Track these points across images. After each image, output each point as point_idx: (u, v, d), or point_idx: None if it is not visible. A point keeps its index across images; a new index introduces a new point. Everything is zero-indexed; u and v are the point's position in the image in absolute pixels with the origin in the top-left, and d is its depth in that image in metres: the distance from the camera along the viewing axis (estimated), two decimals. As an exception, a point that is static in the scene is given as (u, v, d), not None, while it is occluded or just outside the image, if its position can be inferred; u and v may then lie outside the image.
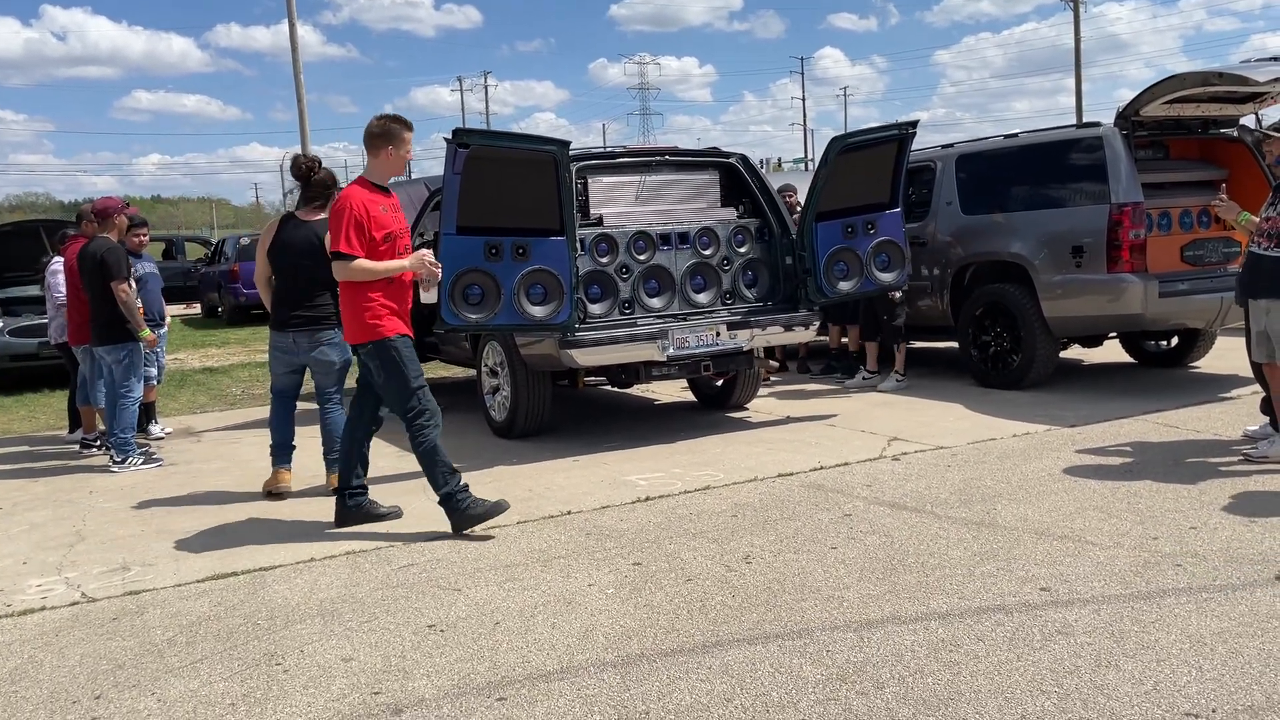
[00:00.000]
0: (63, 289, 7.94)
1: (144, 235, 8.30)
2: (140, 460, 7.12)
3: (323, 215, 5.93)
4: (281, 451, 6.19)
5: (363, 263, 4.97)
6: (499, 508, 5.08)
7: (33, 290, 11.21)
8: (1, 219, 34.07)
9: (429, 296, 6.24)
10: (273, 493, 6.10)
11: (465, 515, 5.05)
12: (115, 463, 7.08)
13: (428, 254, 5.21)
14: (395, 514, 5.45)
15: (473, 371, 8.25)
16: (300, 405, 6.38)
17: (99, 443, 7.81)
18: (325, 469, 6.06)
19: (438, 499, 5.12)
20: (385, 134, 5.05)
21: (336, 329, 5.88)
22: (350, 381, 6.02)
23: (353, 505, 5.39)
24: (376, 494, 6.00)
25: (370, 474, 6.49)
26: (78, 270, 7.24)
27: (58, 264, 8.17)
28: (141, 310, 7.33)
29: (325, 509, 5.72)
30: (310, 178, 6.04)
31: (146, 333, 7.11)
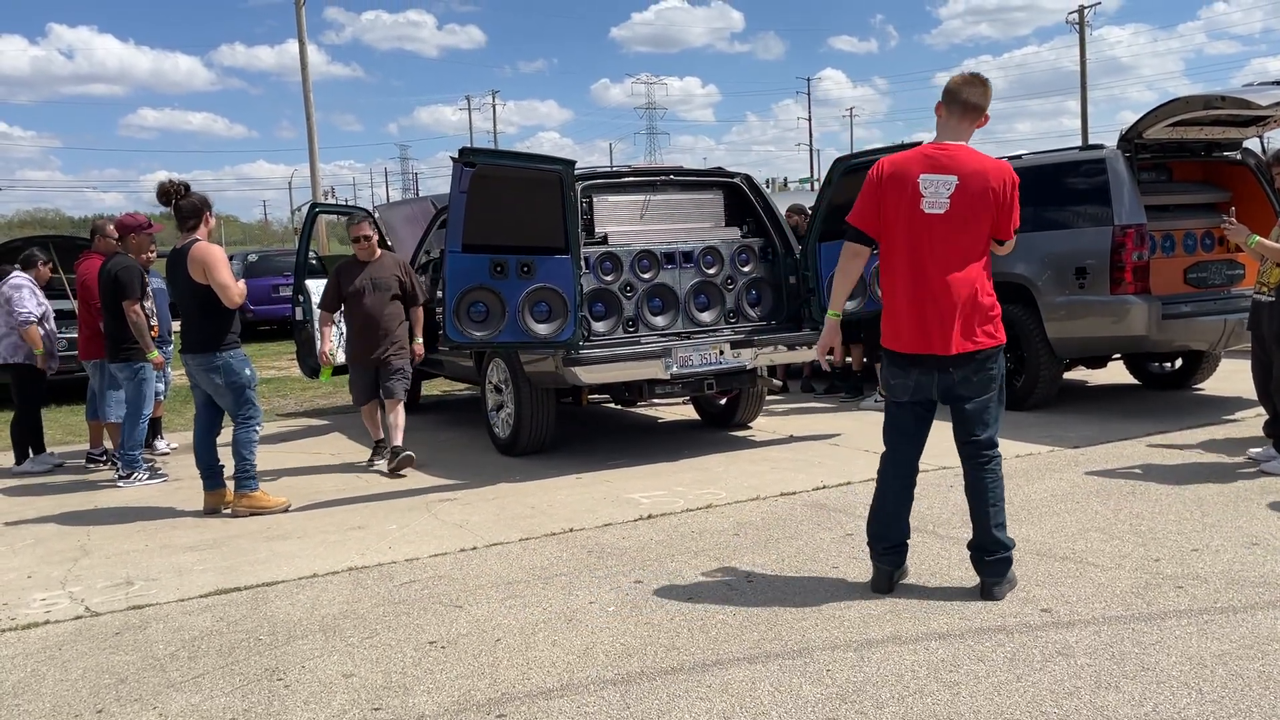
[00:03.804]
0: (26, 305, 7.70)
1: (153, 252, 8.34)
2: (145, 475, 7.14)
3: (194, 237, 5.99)
4: (206, 473, 6.22)
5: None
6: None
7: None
8: (11, 235, 34.25)
9: None
10: (210, 512, 6.16)
11: None
12: (121, 477, 7.11)
13: None
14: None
15: (476, 389, 8.27)
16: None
17: (104, 458, 7.84)
18: (231, 488, 6.16)
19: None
20: (987, 100, 4.10)
21: (218, 353, 5.97)
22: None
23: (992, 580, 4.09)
24: (376, 512, 6.03)
25: (368, 491, 6.52)
26: (96, 286, 7.27)
27: (18, 279, 7.91)
28: (155, 330, 7.35)
29: (327, 524, 5.75)
30: (176, 202, 6.06)
31: (154, 354, 7.09)
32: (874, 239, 4.11)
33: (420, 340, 7.36)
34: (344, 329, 8.52)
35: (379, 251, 7.34)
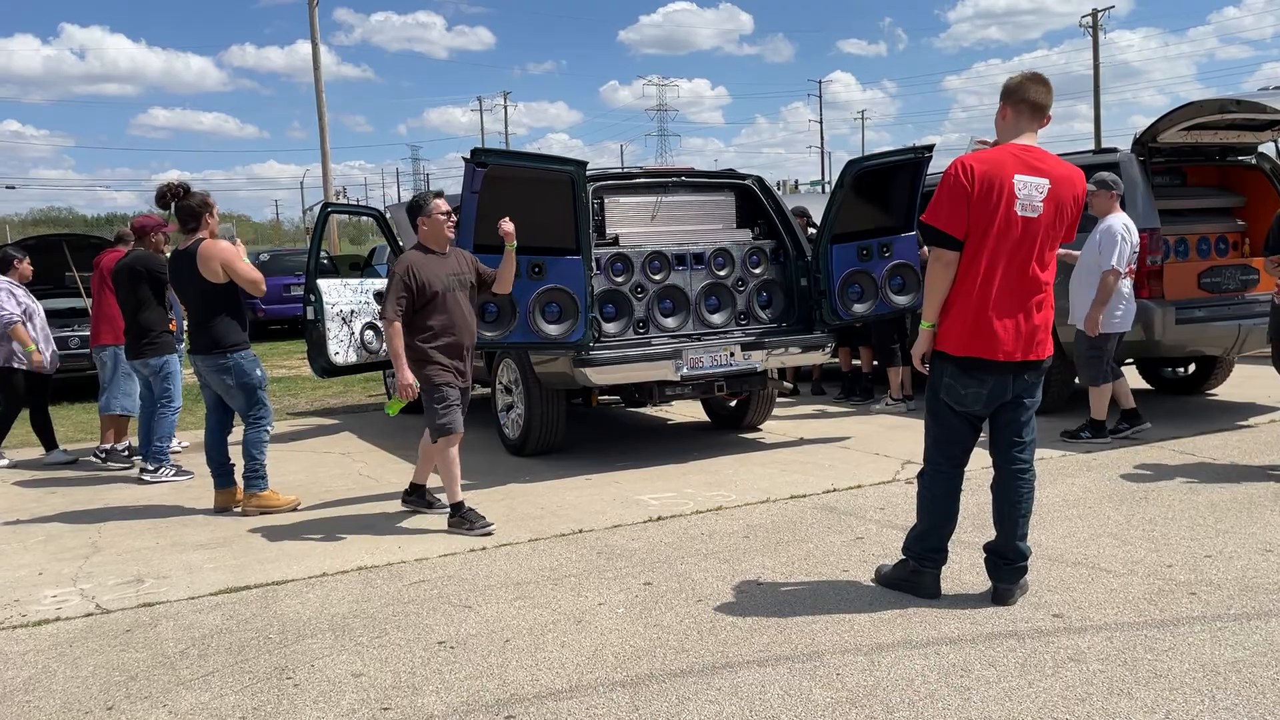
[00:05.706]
0: (6, 306, 7.60)
1: (165, 252, 8.37)
2: (172, 472, 7.17)
3: (200, 236, 5.98)
4: (217, 471, 6.22)
5: None
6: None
7: (57, 304, 11.26)
8: (25, 233, 34.45)
9: None
10: (220, 510, 6.18)
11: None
12: (149, 472, 7.12)
13: None
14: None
15: (487, 389, 8.27)
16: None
17: (127, 453, 7.80)
18: (241, 487, 6.16)
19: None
20: (1051, 99, 3.98)
21: (229, 354, 5.96)
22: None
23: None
24: (379, 514, 6.03)
25: (378, 491, 6.51)
26: (112, 279, 7.32)
27: (3, 282, 7.81)
28: (174, 324, 7.37)
29: (336, 524, 5.75)
30: (177, 204, 6.05)
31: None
32: (963, 242, 3.87)
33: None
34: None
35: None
